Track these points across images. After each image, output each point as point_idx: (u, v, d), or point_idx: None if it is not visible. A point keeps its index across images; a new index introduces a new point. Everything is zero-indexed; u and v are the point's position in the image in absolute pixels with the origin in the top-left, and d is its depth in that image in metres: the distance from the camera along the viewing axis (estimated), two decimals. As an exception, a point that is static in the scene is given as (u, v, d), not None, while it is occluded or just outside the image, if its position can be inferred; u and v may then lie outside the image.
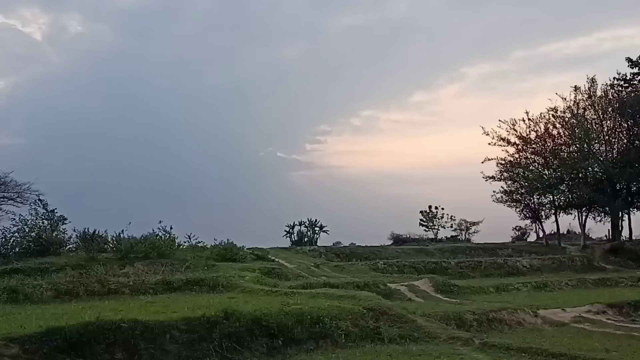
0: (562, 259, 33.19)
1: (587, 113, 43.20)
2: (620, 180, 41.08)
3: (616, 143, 43.23)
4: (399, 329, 12.55)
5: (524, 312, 15.98)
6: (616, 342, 12.91)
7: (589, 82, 43.37)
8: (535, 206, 43.79)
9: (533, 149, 43.32)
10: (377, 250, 35.11)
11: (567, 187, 42.74)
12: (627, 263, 36.16)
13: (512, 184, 43.80)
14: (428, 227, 51.14)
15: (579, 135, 41.85)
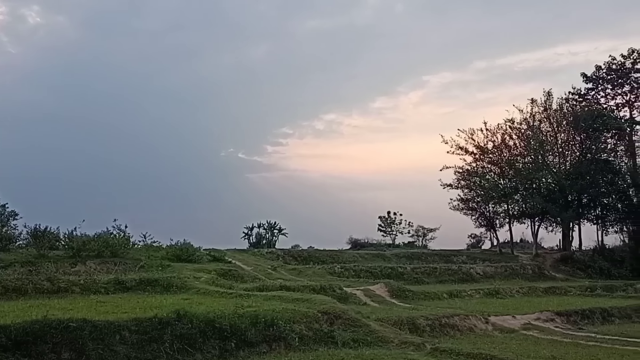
0: (514, 267, 33.94)
1: (543, 125, 44.48)
2: (572, 192, 42.33)
3: (569, 155, 44.59)
4: (352, 333, 12.60)
5: (476, 318, 16.26)
6: (563, 350, 13.26)
7: (545, 96, 44.72)
8: (490, 215, 44.70)
9: (490, 158, 44.24)
10: (335, 254, 35.19)
11: (521, 197, 43.77)
12: (576, 272, 37.29)
13: (469, 192, 44.62)
14: (386, 233, 51.59)
15: (534, 146, 43.01)
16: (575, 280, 32.84)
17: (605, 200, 43.25)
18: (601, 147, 43.39)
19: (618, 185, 42.75)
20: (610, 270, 38.50)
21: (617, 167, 43.77)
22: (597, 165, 41.90)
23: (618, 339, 15.25)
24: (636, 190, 42.80)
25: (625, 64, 48.71)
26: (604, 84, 49.42)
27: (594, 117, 42.61)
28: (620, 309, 20.09)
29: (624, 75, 48.68)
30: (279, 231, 43.26)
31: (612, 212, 43.61)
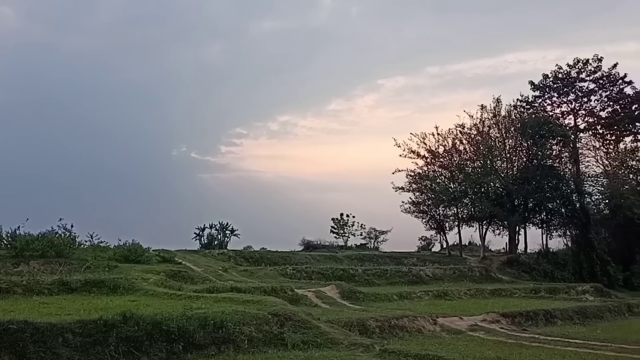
0: (462, 269, 34.61)
1: (492, 131, 45.65)
2: (519, 196, 43.55)
3: (516, 161, 45.89)
4: (302, 335, 12.59)
5: (424, 319, 16.49)
6: (507, 351, 13.58)
7: (495, 102, 45.94)
8: (440, 218, 45.54)
9: (441, 162, 45.08)
10: (287, 256, 35.16)
11: (470, 201, 44.75)
12: (521, 275, 38.37)
13: (420, 196, 45.34)
14: (339, 235, 51.82)
15: (483, 151, 44.07)
16: (520, 283, 33.75)
17: (550, 205, 44.64)
18: (547, 154, 44.78)
19: (562, 191, 44.20)
20: (553, 273, 39.78)
21: (561, 173, 45.30)
22: (542, 171, 43.25)
23: (560, 339, 15.72)
24: (579, 195, 44.39)
25: (570, 73, 50.52)
26: (551, 92, 51.15)
27: (541, 124, 43.96)
28: (562, 311, 20.73)
29: (569, 84, 50.49)
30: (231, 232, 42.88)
31: (556, 216, 45.06)
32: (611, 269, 40.87)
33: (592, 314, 21.42)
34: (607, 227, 45.51)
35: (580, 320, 20.32)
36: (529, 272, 39.37)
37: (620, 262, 42.59)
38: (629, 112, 51.88)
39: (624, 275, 41.43)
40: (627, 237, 44.23)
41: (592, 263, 40.74)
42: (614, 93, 51.59)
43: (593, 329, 18.60)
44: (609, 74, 50.65)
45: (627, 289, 38.65)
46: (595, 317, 21.18)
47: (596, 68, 50.34)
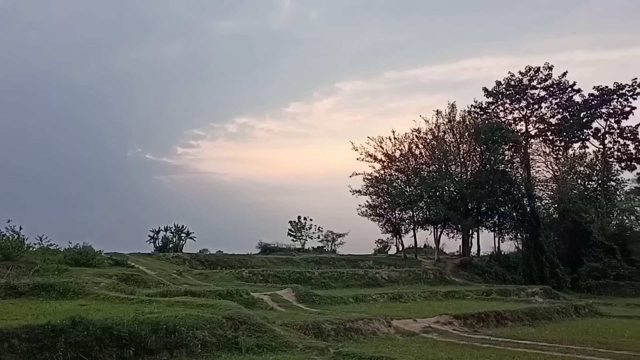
0: (417, 272, 35.09)
1: (447, 136, 46.50)
2: (472, 200, 44.44)
3: (470, 165, 46.85)
4: (257, 339, 12.52)
5: (379, 322, 16.63)
6: (459, 352, 13.83)
7: (450, 108, 46.85)
8: (396, 221, 46.04)
9: (397, 166, 45.65)
10: (243, 259, 34.96)
11: (426, 204, 45.43)
12: (474, 277, 39.16)
13: (377, 199, 45.75)
14: (296, 237, 51.75)
15: (438, 156, 44.86)
16: (473, 285, 34.42)
17: (502, 209, 45.70)
18: (499, 159, 45.85)
19: (513, 195, 45.31)
20: (505, 275, 40.74)
21: (513, 177, 46.42)
22: (495, 175, 44.25)
23: (510, 340, 16.10)
24: (529, 200, 45.59)
25: (522, 81, 51.98)
26: (503, 98, 52.52)
27: (494, 130, 45.04)
28: (512, 312, 21.23)
29: (521, 91, 51.94)
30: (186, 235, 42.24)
31: (508, 220, 46.16)
32: (559, 271, 42.11)
33: (541, 315, 22.00)
34: (556, 230, 46.91)
35: (529, 322, 20.83)
36: (481, 275, 40.21)
37: (568, 264, 43.98)
38: (577, 119, 53.70)
39: (572, 277, 42.77)
40: (574, 241, 45.69)
41: (541, 266, 41.87)
42: (563, 100, 53.36)
43: (542, 329, 19.10)
44: (559, 82, 52.34)
45: (575, 291, 39.91)
46: (544, 318, 21.75)
47: (547, 76, 51.95)
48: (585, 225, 45.69)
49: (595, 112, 54.12)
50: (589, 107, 53.95)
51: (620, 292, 39.38)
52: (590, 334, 17.97)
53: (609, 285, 41.04)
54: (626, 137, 54.51)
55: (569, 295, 35.79)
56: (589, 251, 44.80)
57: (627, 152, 54.79)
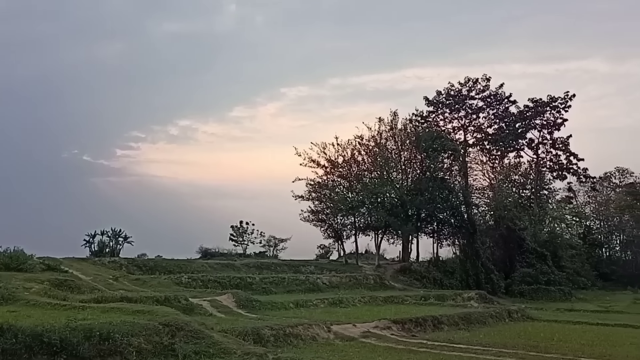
0: (358, 277, 35.37)
1: (389, 143, 47.26)
2: (412, 207, 45.27)
3: (411, 173, 47.74)
4: (194, 345, 12.31)
5: (319, 327, 16.68)
6: (397, 356, 14.06)
7: (392, 115, 47.64)
8: (338, 226, 46.28)
9: (340, 172, 45.96)
10: (182, 264, 34.30)
11: (367, 210, 45.89)
12: (413, 282, 39.84)
13: (319, 204, 45.85)
14: (238, 242, 51.32)
15: (380, 163, 45.50)
16: (411, 290, 35.00)
17: (441, 216, 46.75)
18: (439, 167, 46.95)
19: (452, 202, 46.42)
20: (442, 281, 41.69)
21: (451, 185, 47.59)
22: (434, 182, 45.26)
23: (446, 344, 16.47)
24: (467, 207, 46.85)
25: (462, 91, 53.53)
26: (444, 108, 53.94)
27: (434, 138, 46.10)
28: (449, 317, 21.73)
29: (460, 101, 53.48)
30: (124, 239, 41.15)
31: (446, 226, 47.24)
32: (494, 276, 43.44)
33: (475, 319, 22.62)
34: (492, 237, 48.44)
35: (465, 326, 21.36)
36: (420, 280, 40.96)
37: (502, 270, 45.46)
38: (513, 129, 55.76)
39: (506, 282, 44.22)
40: (508, 247, 47.29)
41: (477, 271, 43.07)
42: (500, 111, 55.30)
43: (476, 334, 19.63)
44: (496, 93, 54.23)
45: (508, 296, 41.27)
46: (479, 323, 22.38)
47: (485, 87, 53.73)
48: (518, 232, 47.37)
49: (530, 123, 56.40)
50: (524, 118, 56.18)
51: (550, 297, 41.03)
52: (522, 337, 18.60)
53: (540, 290, 42.65)
54: (558, 147, 57.03)
55: (503, 300, 36.93)
56: (522, 257, 46.47)
57: (558, 162, 57.31)
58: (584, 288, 48.81)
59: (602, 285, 54.24)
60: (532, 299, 40.06)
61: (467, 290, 35.72)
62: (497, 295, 38.14)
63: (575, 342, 17.26)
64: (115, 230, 41.06)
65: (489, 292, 36.79)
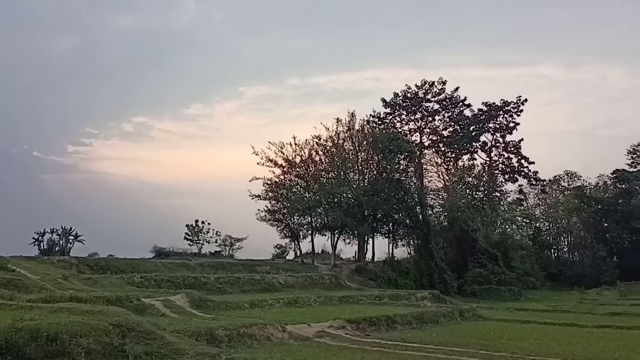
0: (314, 277, 35.47)
1: (346, 144, 47.55)
2: (368, 207, 45.68)
3: (368, 173, 48.16)
4: (146, 346, 12.06)
5: (273, 327, 16.60)
6: (350, 356, 14.11)
7: (350, 116, 47.97)
8: (295, 226, 46.37)
9: (297, 172, 46.02)
10: (135, 263, 33.73)
11: (324, 210, 46.13)
12: (368, 282, 40.20)
13: (276, 204, 45.85)
14: (193, 242, 50.79)
15: (337, 163, 45.72)
16: (367, 290, 35.29)
17: (396, 216, 47.37)
18: (395, 168, 47.54)
19: (407, 203, 47.10)
20: (397, 281, 42.20)
21: (407, 186, 48.28)
22: (390, 183, 45.81)
23: (399, 344, 16.63)
24: (422, 208, 47.56)
25: (418, 94, 54.25)
26: (400, 110, 54.55)
27: (390, 139, 46.63)
28: (402, 316, 21.97)
29: (417, 103, 54.19)
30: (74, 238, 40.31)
31: (402, 227, 47.91)
32: (447, 276, 44.23)
33: (428, 319, 22.93)
34: (445, 237, 49.32)
35: (418, 325, 21.63)
36: (375, 280, 41.35)
37: (455, 270, 46.33)
38: (467, 132, 56.85)
39: (459, 282, 45.08)
40: (461, 247, 48.23)
41: (431, 271, 43.77)
42: (455, 114, 56.30)
43: (429, 333, 19.88)
44: (452, 97, 55.18)
45: (461, 296, 42.08)
46: (432, 322, 22.69)
47: (440, 90, 54.59)
48: (471, 233, 48.37)
49: (483, 127, 57.64)
50: (478, 122, 57.35)
51: (501, 297, 42.02)
52: (473, 336, 18.95)
53: (491, 290, 43.64)
54: (510, 151, 58.46)
55: (456, 299, 37.59)
56: (474, 258, 47.46)
57: (510, 165, 58.76)
58: (533, 288, 50.23)
59: (551, 286, 55.99)
60: (483, 298, 40.93)
61: (421, 290, 36.24)
62: (450, 295, 38.81)
63: (524, 341, 17.69)
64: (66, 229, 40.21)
65: (442, 291, 37.40)
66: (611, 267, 63.56)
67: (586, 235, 69.17)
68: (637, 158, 76.20)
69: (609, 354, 15.18)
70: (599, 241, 67.37)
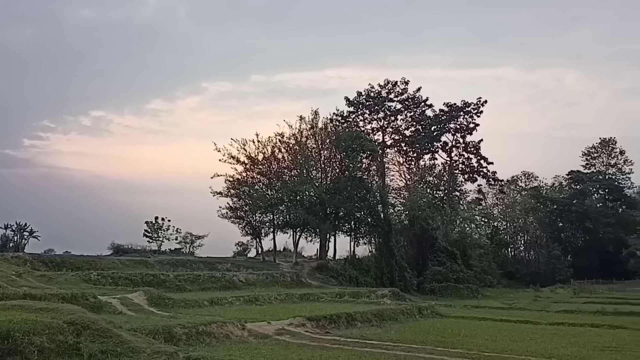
0: (275, 275, 35.38)
1: (309, 142, 47.66)
2: (331, 205, 45.87)
3: (330, 171, 48.38)
4: (101, 344, 11.86)
5: (233, 325, 16.50)
6: (310, 353, 14.14)
7: (313, 114, 48.09)
8: (256, 224, 46.19)
9: (260, 169, 45.85)
10: (92, 261, 33.10)
11: (286, 208, 46.08)
12: (329, 280, 40.36)
13: (238, 201, 45.57)
14: (152, 239, 50.10)
15: (300, 161, 45.77)
16: (328, 287, 35.42)
17: (358, 215, 47.68)
18: (357, 166, 47.83)
19: (369, 201, 47.43)
20: (358, 278, 42.46)
21: (369, 185, 48.63)
22: (353, 182, 46.07)
23: (358, 341, 16.75)
24: (383, 206, 48.00)
25: (381, 93, 54.75)
26: (363, 109, 55.00)
27: (353, 138, 46.90)
28: (362, 314, 22.11)
29: (380, 102, 54.70)
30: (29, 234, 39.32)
31: (363, 225, 48.24)
32: (407, 274, 44.76)
33: (388, 316, 23.15)
34: (406, 236, 49.91)
35: (377, 322, 21.81)
36: (336, 277, 41.53)
37: (415, 268, 46.94)
38: (428, 132, 57.70)
39: (418, 280, 45.68)
40: (421, 246, 48.89)
41: (391, 269, 44.19)
42: (417, 114, 57.07)
43: (388, 330, 20.09)
44: (414, 97, 55.89)
45: (420, 293, 42.62)
46: (391, 319, 22.91)
47: (403, 90, 55.23)
48: (431, 231, 49.07)
49: (445, 127, 58.60)
50: (439, 122, 58.27)
51: (459, 294, 42.74)
52: (431, 333, 19.23)
53: (449, 287, 44.37)
54: (470, 151, 59.60)
55: (415, 297, 38.06)
56: (434, 256, 48.17)
57: (470, 165, 59.91)
58: (490, 286, 51.31)
59: (507, 283, 57.33)
60: (442, 296, 41.57)
61: (381, 287, 36.51)
62: (409, 293, 39.24)
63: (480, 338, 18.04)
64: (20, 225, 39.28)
65: (402, 289, 37.74)
66: (565, 265, 65.56)
67: (542, 234, 71.11)
68: (591, 160, 78.82)
69: (561, 350, 15.61)
70: (554, 240, 69.37)
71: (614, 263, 63.60)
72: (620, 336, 18.87)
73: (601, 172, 77.47)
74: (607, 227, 69.53)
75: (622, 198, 76.62)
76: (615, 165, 78.20)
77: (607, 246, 67.80)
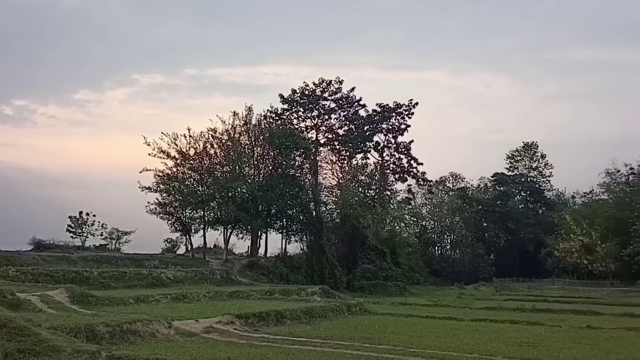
0: (204, 272, 34.92)
1: (242, 138, 47.27)
2: (263, 202, 45.69)
3: (263, 169, 48.18)
4: (18, 343, 11.37)
5: (159, 323, 16.17)
6: (238, 351, 14.05)
7: (247, 110, 47.75)
8: (186, 220, 45.36)
9: (191, 164, 45.04)
10: (10, 256, 31.55)
11: (217, 205, 45.54)
12: (260, 277, 40.24)
13: (167, 197, 44.57)
14: (76, 234, 48.13)
15: (232, 157, 45.33)
16: (258, 285, 35.28)
17: (290, 212, 47.77)
18: (290, 164, 47.91)
19: (301, 199, 47.64)
20: (288, 276, 42.55)
21: (302, 182, 48.82)
22: (285, 179, 46.12)
23: (287, 338, 16.80)
24: (315, 204, 48.31)
25: (316, 92, 55.05)
26: (298, 106, 55.13)
27: (287, 135, 46.94)
28: (292, 311, 22.17)
29: (314, 101, 55.00)
30: (-60, 227, 36.86)
31: (295, 222, 48.38)
32: (337, 272, 45.24)
33: (317, 313, 23.32)
34: (337, 234, 50.42)
35: (307, 320, 21.93)
36: (267, 275, 41.46)
37: (345, 265, 47.49)
38: (361, 132, 58.57)
39: (348, 278, 46.26)
40: (352, 244, 49.55)
41: (322, 267, 44.55)
42: (350, 114, 57.79)
43: (317, 327, 20.24)
44: (348, 96, 56.55)
45: (349, 291, 43.16)
46: (320, 317, 23.09)
47: (337, 89, 55.77)
48: (362, 230, 49.80)
49: (377, 127, 59.69)
50: (372, 122, 59.28)
51: (387, 292, 43.63)
52: (359, 330, 19.53)
53: (378, 285, 45.20)
54: (401, 151, 60.98)
55: (344, 294, 38.45)
56: (364, 254, 48.92)
57: (400, 165, 61.30)
58: (418, 283, 52.67)
59: (434, 281, 59.06)
60: (370, 293, 42.26)
61: (311, 285, 36.70)
62: (339, 290, 39.64)
63: (406, 334, 18.48)
64: None
65: (332, 287, 38.11)
66: (488, 264, 68.25)
67: (467, 233, 73.67)
68: (514, 163, 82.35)
69: (482, 345, 16.21)
70: (478, 240, 72.04)
71: (533, 262, 66.57)
72: (537, 332, 19.80)
73: (523, 175, 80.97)
74: (527, 228, 72.72)
75: (542, 200, 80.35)
76: (536, 169, 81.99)
77: (528, 246, 70.91)
